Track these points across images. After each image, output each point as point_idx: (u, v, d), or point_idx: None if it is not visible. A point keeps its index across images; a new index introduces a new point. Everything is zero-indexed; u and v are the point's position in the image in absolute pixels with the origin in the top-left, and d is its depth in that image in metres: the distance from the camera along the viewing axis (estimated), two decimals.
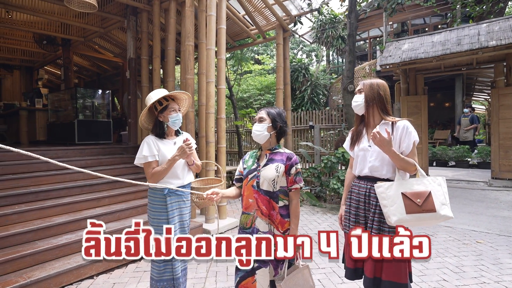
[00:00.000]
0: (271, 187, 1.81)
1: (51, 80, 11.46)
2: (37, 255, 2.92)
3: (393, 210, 1.60)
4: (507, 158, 5.99)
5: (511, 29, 5.66)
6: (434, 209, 1.55)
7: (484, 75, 9.60)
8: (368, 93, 1.82)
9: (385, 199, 1.63)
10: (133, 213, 4.07)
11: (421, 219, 1.57)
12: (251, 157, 1.99)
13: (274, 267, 1.83)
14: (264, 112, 1.92)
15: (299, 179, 1.85)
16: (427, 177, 1.63)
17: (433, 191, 1.58)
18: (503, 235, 3.98)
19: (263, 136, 1.87)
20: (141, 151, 2.18)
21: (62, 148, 4.87)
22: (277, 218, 1.83)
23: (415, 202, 1.57)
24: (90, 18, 6.50)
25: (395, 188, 1.62)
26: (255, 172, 1.88)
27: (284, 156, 1.85)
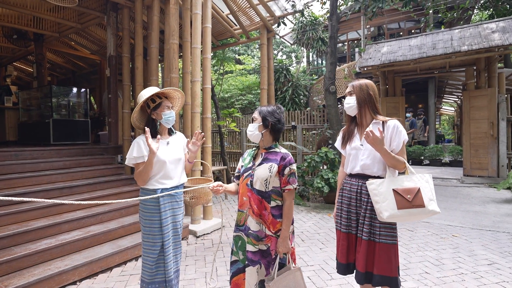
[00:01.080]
0: (264, 187, 1.80)
1: (20, 77, 10.85)
2: (14, 262, 2.76)
3: (385, 206, 1.65)
4: (477, 157, 6.37)
5: (480, 35, 6.02)
6: (423, 205, 1.61)
7: (454, 78, 10.14)
8: (359, 95, 1.87)
9: (377, 196, 1.69)
10: (116, 215, 3.94)
11: (411, 214, 1.63)
12: (249, 155, 1.99)
13: (266, 266, 1.83)
14: (256, 112, 1.92)
15: (293, 180, 1.83)
16: (416, 174, 1.69)
17: (421, 187, 1.64)
18: (475, 228, 4.23)
19: (255, 136, 1.88)
20: (131, 152, 2.11)
21: (38, 149, 4.62)
22: (269, 218, 1.82)
23: (406, 198, 1.63)
24: (66, 13, 6.21)
25: (386, 185, 1.68)
26: (249, 170, 1.88)
27: (278, 156, 1.84)
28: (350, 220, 1.87)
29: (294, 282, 1.77)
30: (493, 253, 3.39)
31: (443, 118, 24.68)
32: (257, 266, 1.82)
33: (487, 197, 5.55)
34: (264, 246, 1.82)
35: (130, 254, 3.38)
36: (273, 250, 1.83)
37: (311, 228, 4.46)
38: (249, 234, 1.83)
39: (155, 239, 2.14)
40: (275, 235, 1.82)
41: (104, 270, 3.15)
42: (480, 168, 6.36)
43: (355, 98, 1.88)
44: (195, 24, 4.28)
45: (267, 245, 1.82)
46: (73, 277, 2.88)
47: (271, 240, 1.82)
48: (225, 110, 7.55)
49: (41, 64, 7.48)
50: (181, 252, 2.33)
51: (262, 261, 1.83)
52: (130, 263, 3.34)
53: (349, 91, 1.94)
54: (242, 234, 1.88)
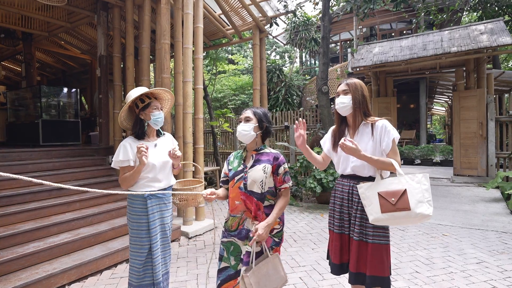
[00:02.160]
0: (260, 189, 1.79)
1: (9, 77, 10.66)
2: (0, 266, 2.70)
3: (369, 210, 1.66)
4: (467, 156, 6.46)
5: (469, 37, 6.11)
6: (408, 207, 1.56)
7: (445, 78, 10.28)
8: (355, 95, 1.82)
9: (365, 199, 1.69)
10: (107, 217, 3.89)
11: (396, 217, 1.60)
12: (236, 158, 1.94)
13: None
14: (250, 112, 1.89)
15: (288, 179, 1.84)
16: (403, 176, 1.64)
17: (409, 189, 1.59)
18: (465, 227, 4.29)
19: (249, 136, 1.84)
20: (117, 154, 2.07)
21: (26, 150, 4.54)
22: (263, 218, 1.81)
23: (389, 201, 1.60)
24: (55, 12, 6.11)
25: (373, 188, 1.67)
26: (241, 173, 1.84)
27: (270, 156, 1.83)
28: (343, 220, 1.86)
29: (273, 270, 1.74)
30: (482, 252, 3.44)
31: (435, 118, 25.02)
32: None
33: (476, 196, 5.64)
34: (258, 248, 1.80)
35: (120, 256, 3.34)
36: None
37: (303, 228, 4.47)
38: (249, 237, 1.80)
39: (143, 242, 2.12)
40: (269, 234, 1.81)
41: (94, 273, 3.10)
42: (469, 167, 6.45)
43: (351, 98, 1.82)
44: (187, 24, 4.25)
45: (261, 246, 1.80)
46: (62, 280, 2.83)
47: (266, 240, 1.81)
48: (218, 111, 7.52)
49: (30, 64, 7.35)
50: (170, 254, 2.30)
51: None
52: (121, 266, 3.30)
53: (343, 89, 1.86)
54: (235, 239, 1.85)
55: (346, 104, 1.83)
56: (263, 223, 1.73)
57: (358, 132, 1.83)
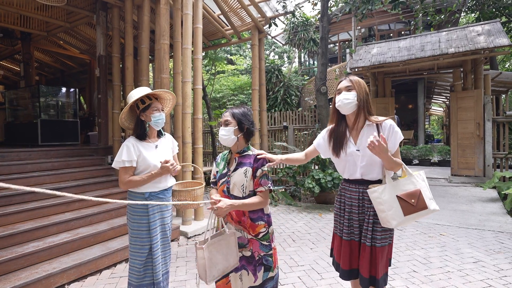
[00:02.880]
0: (241, 192, 1.76)
1: (7, 77, 10.64)
2: (0, 265, 2.71)
3: (391, 215, 1.60)
4: (464, 156, 6.51)
5: (466, 38, 6.16)
6: (426, 206, 1.58)
7: (443, 79, 10.34)
8: (360, 93, 1.72)
9: (382, 204, 1.62)
10: (106, 217, 3.90)
11: (416, 217, 1.61)
12: (222, 160, 1.92)
13: (253, 272, 1.79)
14: (229, 114, 1.82)
15: (265, 182, 1.76)
16: (413, 175, 1.64)
17: (421, 188, 1.61)
18: (462, 227, 4.32)
19: (230, 140, 1.80)
20: (120, 154, 2.07)
21: (25, 150, 4.54)
22: (247, 223, 1.79)
23: (410, 203, 1.58)
24: (54, 12, 6.11)
25: (388, 191, 1.61)
26: (225, 177, 1.83)
27: (252, 159, 1.80)
28: (352, 227, 1.79)
29: (227, 248, 1.70)
30: (478, 251, 3.47)
31: (433, 118, 25.11)
32: (240, 273, 1.79)
33: (473, 196, 5.68)
34: (248, 252, 1.79)
35: (120, 256, 3.35)
36: (256, 252, 1.79)
37: (302, 228, 4.49)
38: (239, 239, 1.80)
39: (143, 242, 2.13)
40: (255, 237, 1.78)
41: (93, 272, 3.11)
42: (467, 167, 6.49)
43: (356, 95, 1.71)
44: (186, 24, 4.27)
45: (250, 249, 1.79)
46: (61, 280, 2.84)
47: (253, 243, 1.79)
48: (217, 111, 7.54)
49: (29, 63, 7.34)
50: (170, 254, 2.32)
51: (248, 267, 1.79)
52: (120, 265, 3.32)
53: (347, 85, 1.75)
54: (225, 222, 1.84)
55: (350, 101, 1.71)
56: (227, 200, 1.68)
57: (363, 133, 1.73)
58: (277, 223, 4.78)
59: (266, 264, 1.79)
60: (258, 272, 1.78)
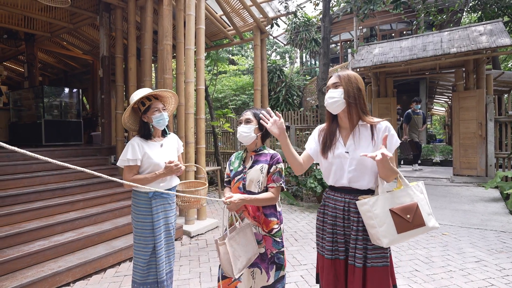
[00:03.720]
0: (257, 188, 1.82)
1: (11, 77, 10.70)
2: (7, 264, 2.74)
3: (383, 232, 1.37)
4: (467, 156, 6.51)
5: (468, 38, 6.16)
6: (423, 223, 1.37)
7: (445, 79, 10.32)
8: (348, 88, 1.53)
9: (372, 219, 1.39)
10: (110, 216, 3.93)
11: (411, 235, 1.39)
12: (237, 159, 1.98)
13: (266, 270, 1.81)
14: (251, 114, 1.90)
15: (277, 178, 1.81)
16: (410, 186, 1.43)
17: (419, 201, 1.40)
18: (464, 227, 4.33)
19: (250, 138, 1.86)
20: (125, 153, 2.11)
21: (30, 150, 4.58)
22: (262, 218, 1.84)
23: (405, 219, 1.36)
24: (58, 13, 6.16)
25: (381, 204, 1.39)
26: (241, 174, 1.89)
27: (268, 157, 1.87)
28: (337, 243, 1.55)
29: (245, 239, 1.75)
30: (480, 251, 3.48)
31: (435, 118, 25.05)
32: (253, 270, 1.82)
33: (475, 196, 5.68)
34: (262, 249, 1.82)
35: (124, 255, 3.39)
36: (269, 250, 1.82)
37: (304, 227, 4.52)
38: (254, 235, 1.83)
39: (147, 241, 2.16)
40: (269, 234, 1.83)
41: (98, 271, 3.15)
42: (469, 167, 6.49)
43: (343, 92, 1.53)
44: (189, 25, 4.30)
45: (264, 247, 1.82)
46: (66, 278, 2.88)
47: (266, 240, 1.83)
48: (219, 111, 7.57)
49: (32, 64, 7.40)
50: (174, 253, 2.35)
51: (262, 265, 1.81)
52: (124, 264, 3.35)
53: (333, 82, 1.57)
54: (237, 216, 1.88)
55: (336, 99, 1.53)
56: (239, 195, 1.75)
57: (355, 135, 1.54)
58: None
59: (277, 263, 1.82)
60: (270, 271, 1.81)
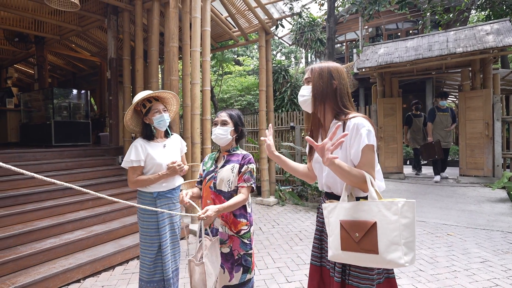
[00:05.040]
0: (227, 187, 1.83)
1: (21, 79, 10.93)
2: (20, 260, 2.84)
3: (330, 242, 1.23)
4: (473, 157, 6.46)
5: (475, 37, 6.11)
6: (375, 250, 1.10)
7: (451, 78, 10.23)
8: (317, 84, 1.35)
9: (328, 226, 1.26)
10: (118, 215, 4.02)
11: (360, 259, 1.15)
12: (210, 159, 2.02)
13: (229, 270, 1.82)
14: (227, 115, 1.91)
15: (248, 178, 1.83)
16: (376, 201, 1.15)
17: (380, 222, 1.10)
18: (470, 227, 4.31)
19: (226, 140, 1.89)
20: (128, 154, 2.17)
21: (40, 150, 4.70)
22: (230, 218, 1.85)
23: (352, 236, 1.14)
24: (67, 16, 6.29)
25: (337, 212, 1.22)
26: (212, 173, 1.91)
27: (240, 157, 1.89)
28: (322, 250, 1.46)
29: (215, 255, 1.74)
30: (486, 251, 3.47)
31: None
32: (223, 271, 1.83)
33: (482, 196, 5.64)
34: (227, 249, 1.83)
35: (132, 253, 3.47)
36: (236, 251, 1.82)
37: (308, 227, 4.55)
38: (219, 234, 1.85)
39: (153, 240, 2.22)
40: (237, 235, 1.83)
41: (107, 268, 3.23)
42: (475, 168, 6.44)
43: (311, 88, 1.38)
44: (195, 27, 4.37)
45: (229, 246, 1.83)
46: (77, 275, 2.97)
47: (233, 241, 1.83)
48: None
49: (42, 66, 7.56)
50: (179, 251, 2.40)
51: (225, 264, 1.82)
52: (132, 262, 3.43)
53: (306, 77, 1.42)
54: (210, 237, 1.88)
55: (306, 98, 1.39)
56: (214, 207, 1.71)
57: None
58: (284, 222, 4.84)
59: (245, 265, 1.82)
60: (235, 272, 1.81)
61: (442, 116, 6.84)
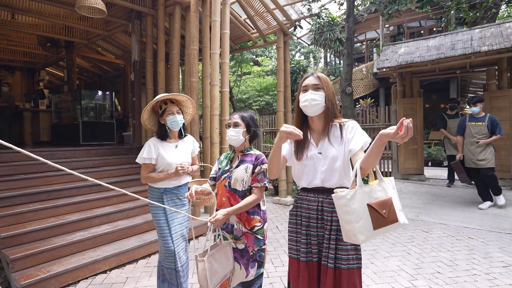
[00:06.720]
0: (241, 187, 1.89)
1: (51, 81, 11.54)
2: (54, 251, 3.07)
3: (359, 228, 1.28)
4: (499, 158, 6.22)
5: (502, 35, 5.89)
6: (396, 219, 1.32)
7: (477, 77, 9.86)
8: (328, 93, 1.55)
9: (350, 214, 1.29)
10: (141, 211, 4.22)
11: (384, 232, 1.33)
12: (225, 158, 2.08)
13: (245, 266, 1.87)
14: (238, 117, 1.98)
15: (261, 178, 1.88)
16: (384, 180, 1.38)
17: (392, 197, 1.35)
18: (494, 231, 4.19)
19: (238, 140, 1.95)
20: (142, 152, 2.36)
21: (70, 149, 5.00)
22: (244, 216, 1.90)
23: (382, 214, 1.29)
24: (94, 21, 6.62)
25: (359, 198, 1.30)
26: (227, 173, 1.97)
27: (253, 157, 1.94)
28: (310, 245, 1.55)
29: (225, 257, 1.82)
30: (509, 256, 3.38)
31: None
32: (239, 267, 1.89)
33: (507, 199, 5.43)
34: (242, 245, 1.89)
35: (154, 247, 3.64)
36: (250, 247, 1.88)
37: None
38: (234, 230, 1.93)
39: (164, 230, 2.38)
40: (250, 231, 1.89)
41: (131, 261, 3.41)
42: (501, 170, 6.20)
43: (324, 96, 1.54)
44: (214, 31, 4.49)
45: (244, 242, 1.89)
46: (104, 266, 3.16)
47: (247, 237, 1.89)
48: None
49: (71, 69, 7.99)
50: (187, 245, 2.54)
51: (241, 261, 1.88)
52: (154, 256, 3.60)
53: (314, 83, 1.55)
54: (224, 233, 1.96)
55: (318, 102, 1.53)
56: (223, 210, 1.80)
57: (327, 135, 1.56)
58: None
59: (259, 260, 1.90)
60: (251, 268, 1.87)
61: (473, 127, 5.18)
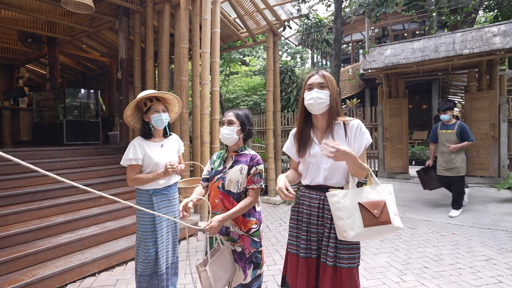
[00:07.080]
0: (236, 189, 1.83)
1: (31, 79, 11.13)
2: (39, 254, 2.97)
3: (349, 224, 1.40)
4: (479, 157, 6.48)
5: (482, 39, 6.13)
6: (389, 221, 1.40)
7: (458, 79, 10.22)
8: (333, 91, 1.57)
9: (341, 210, 1.41)
10: (130, 212, 4.14)
11: (377, 232, 1.41)
12: (218, 158, 2.00)
13: (243, 269, 1.85)
14: (233, 115, 1.91)
15: (257, 180, 1.83)
16: (380, 185, 1.47)
17: (387, 200, 1.43)
18: (475, 227, 4.36)
19: (232, 139, 1.88)
20: (127, 153, 2.25)
21: (53, 149, 4.84)
22: (239, 218, 1.85)
23: (373, 214, 1.39)
24: (79, 17, 6.43)
25: (351, 197, 1.42)
26: (221, 174, 1.90)
27: (248, 157, 1.88)
28: (310, 241, 1.59)
29: (225, 261, 1.78)
30: (490, 250, 3.53)
31: None
32: None
33: (487, 196, 5.67)
34: (239, 248, 1.86)
35: None
36: (247, 249, 1.85)
37: None
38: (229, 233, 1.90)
39: (147, 235, 2.28)
40: (247, 234, 1.85)
41: (120, 263, 3.34)
42: (481, 168, 6.46)
43: (329, 94, 1.56)
44: (205, 30, 4.46)
45: (241, 246, 1.86)
46: (92, 269, 3.08)
47: (244, 240, 1.85)
48: None
49: (54, 67, 7.73)
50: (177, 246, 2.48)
51: (239, 263, 1.86)
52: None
53: (320, 82, 1.57)
54: (218, 235, 1.88)
55: (323, 101, 1.55)
56: (218, 217, 1.75)
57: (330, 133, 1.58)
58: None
59: (255, 262, 1.87)
60: (248, 270, 1.85)
61: (443, 135, 4.96)
